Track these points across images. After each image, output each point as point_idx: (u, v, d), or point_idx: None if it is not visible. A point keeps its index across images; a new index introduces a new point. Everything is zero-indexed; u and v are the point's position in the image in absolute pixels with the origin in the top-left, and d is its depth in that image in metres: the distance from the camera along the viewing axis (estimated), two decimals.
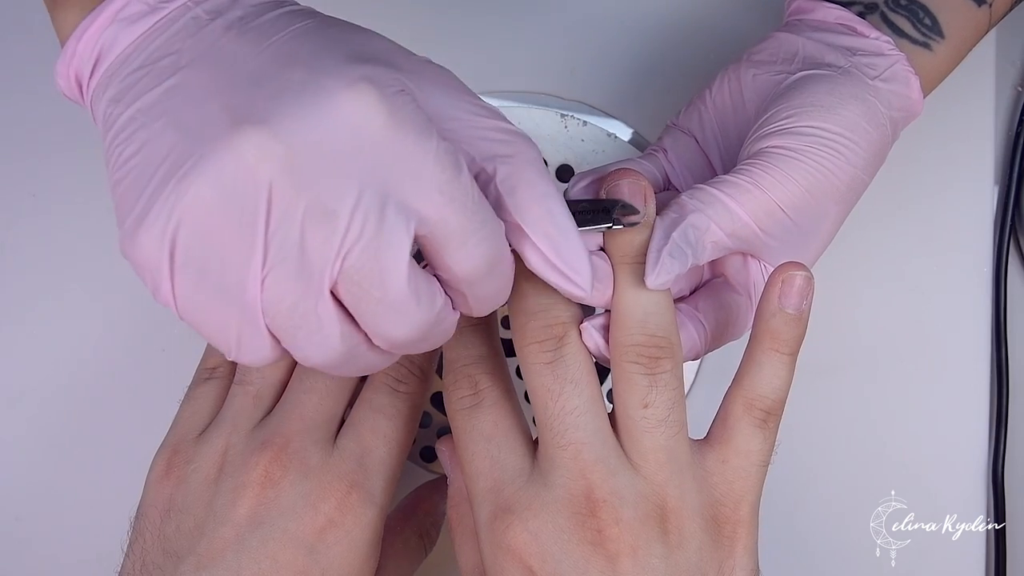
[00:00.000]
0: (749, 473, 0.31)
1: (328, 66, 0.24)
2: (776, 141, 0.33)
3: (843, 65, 0.35)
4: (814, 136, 0.33)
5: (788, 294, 0.31)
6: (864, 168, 0.34)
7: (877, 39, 0.36)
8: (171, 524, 0.33)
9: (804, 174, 0.32)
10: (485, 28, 0.48)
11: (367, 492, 0.33)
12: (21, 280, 0.45)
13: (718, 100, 0.37)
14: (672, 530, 0.29)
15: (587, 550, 0.29)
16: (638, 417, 0.30)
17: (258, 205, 0.23)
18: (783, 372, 0.31)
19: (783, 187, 0.32)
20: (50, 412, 0.44)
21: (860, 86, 0.34)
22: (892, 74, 0.35)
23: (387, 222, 0.24)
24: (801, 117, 0.33)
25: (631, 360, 0.30)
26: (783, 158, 0.32)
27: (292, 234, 0.24)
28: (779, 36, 0.37)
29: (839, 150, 0.33)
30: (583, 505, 0.29)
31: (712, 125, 0.37)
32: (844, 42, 0.36)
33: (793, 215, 0.32)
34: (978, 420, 0.45)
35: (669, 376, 0.30)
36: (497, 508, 0.30)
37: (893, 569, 0.43)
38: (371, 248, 0.24)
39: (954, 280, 0.46)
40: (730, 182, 0.32)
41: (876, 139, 0.34)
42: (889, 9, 0.37)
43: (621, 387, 0.30)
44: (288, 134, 0.23)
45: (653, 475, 0.30)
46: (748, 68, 0.37)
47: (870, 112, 0.34)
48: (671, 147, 0.38)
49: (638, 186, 0.31)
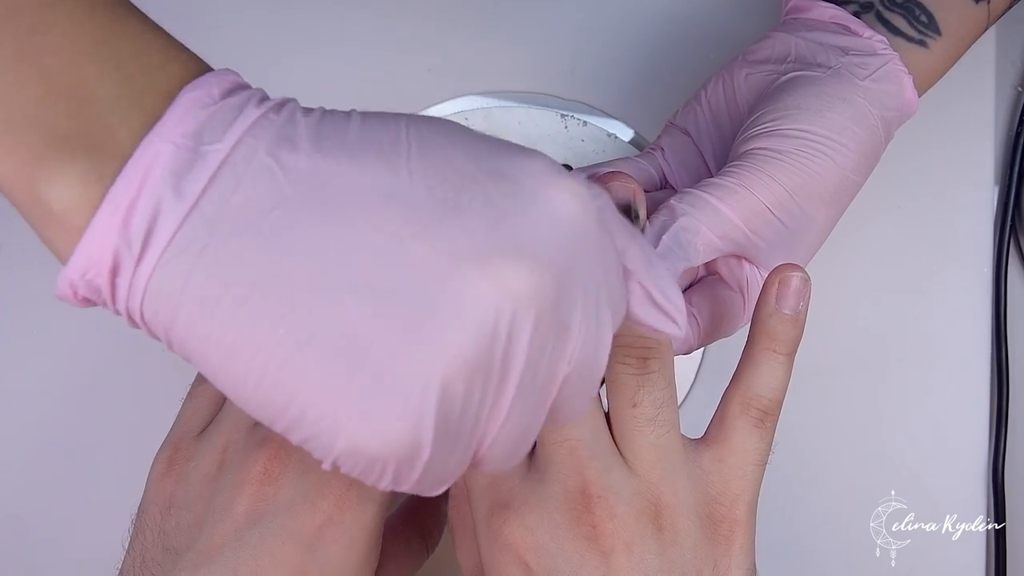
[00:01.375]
0: (746, 472, 0.31)
1: (512, 165, 0.22)
2: (762, 143, 0.33)
3: (833, 65, 0.35)
4: (799, 139, 0.33)
5: (785, 295, 0.31)
6: (854, 169, 0.34)
7: (871, 38, 0.36)
8: (171, 521, 0.33)
9: (789, 175, 0.33)
10: (485, 28, 0.48)
11: (366, 490, 0.33)
12: (21, 280, 0.45)
13: (713, 99, 0.38)
14: (666, 527, 0.29)
15: (582, 545, 0.29)
16: (628, 416, 0.30)
17: (522, 341, 0.21)
18: (780, 372, 0.31)
19: (768, 188, 0.32)
20: (50, 412, 0.44)
21: (848, 88, 0.35)
22: (884, 74, 0.35)
23: (603, 319, 0.23)
24: (787, 120, 0.34)
25: (620, 360, 0.30)
26: (769, 159, 0.33)
27: (542, 360, 0.22)
28: (774, 36, 0.38)
29: (825, 152, 0.33)
30: (578, 501, 0.29)
31: (707, 124, 0.38)
32: (837, 41, 0.36)
33: (781, 215, 0.33)
34: (978, 420, 0.45)
35: (657, 376, 0.30)
36: (494, 504, 0.30)
37: (893, 569, 0.43)
38: (591, 349, 0.23)
39: (954, 280, 0.46)
40: (717, 184, 0.32)
41: (865, 140, 0.34)
42: (885, 7, 0.37)
43: (611, 387, 0.30)
44: (549, 258, 0.21)
45: (647, 473, 0.30)
46: (742, 68, 0.37)
47: (858, 114, 0.34)
48: (668, 146, 0.38)
49: (627, 189, 0.31)
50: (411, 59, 0.47)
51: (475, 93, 0.46)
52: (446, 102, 0.46)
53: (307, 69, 0.46)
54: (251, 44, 0.47)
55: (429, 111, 0.46)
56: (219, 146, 0.21)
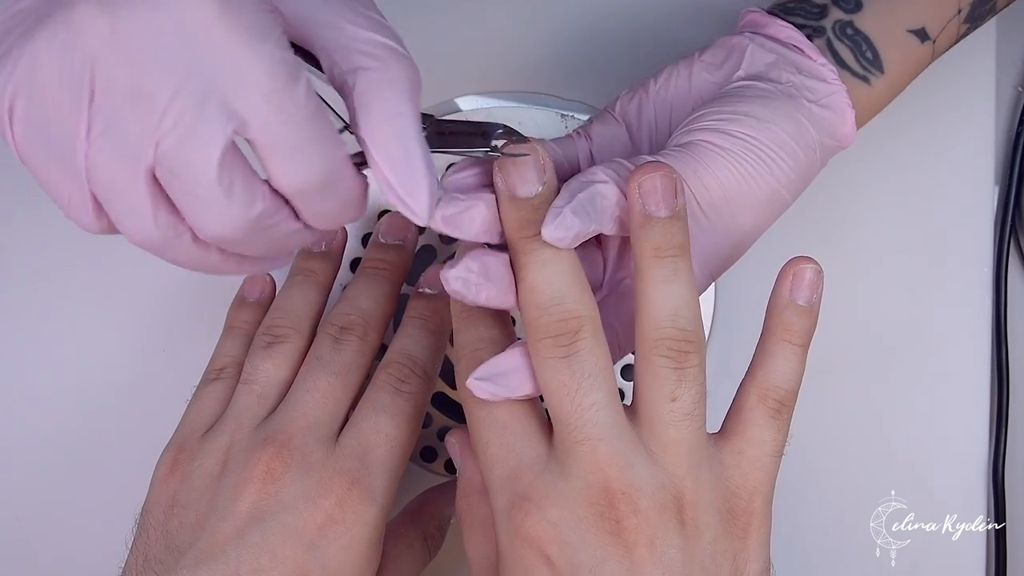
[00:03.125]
0: (764, 464, 0.31)
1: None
2: (706, 136, 0.34)
3: (784, 82, 0.35)
4: (743, 141, 0.33)
5: (799, 287, 0.32)
6: (787, 186, 0.34)
7: (824, 65, 0.36)
8: (174, 520, 0.33)
9: (725, 172, 0.33)
10: (485, 28, 0.48)
11: (368, 490, 0.33)
12: (21, 280, 0.45)
13: (661, 94, 0.38)
14: (688, 521, 0.29)
15: (605, 540, 0.29)
16: (664, 411, 0.30)
17: (83, 75, 0.24)
18: (795, 363, 0.32)
19: (700, 179, 0.33)
20: (54, 413, 0.44)
21: (796, 107, 0.35)
22: (830, 103, 0.36)
23: (204, 115, 0.24)
24: (733, 123, 0.34)
25: (661, 354, 0.30)
26: (709, 152, 0.33)
27: (113, 109, 0.24)
28: (732, 41, 0.38)
29: (764, 160, 0.34)
30: (601, 496, 0.29)
31: (650, 117, 0.37)
32: (792, 60, 0.36)
33: (706, 209, 0.33)
34: (978, 420, 0.45)
35: (696, 371, 0.30)
36: (515, 496, 0.30)
37: (893, 569, 0.43)
38: (185, 137, 0.24)
39: (954, 280, 0.46)
40: (644, 160, 0.32)
41: (803, 160, 0.35)
42: (835, 36, 0.37)
43: (648, 380, 0.30)
44: (117, 10, 0.23)
45: (673, 467, 0.30)
46: (698, 68, 0.37)
47: (801, 133, 0.35)
48: (598, 134, 0.37)
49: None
50: None
51: (475, 93, 0.46)
52: (446, 102, 0.46)
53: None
54: None
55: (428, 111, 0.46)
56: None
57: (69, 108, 0.24)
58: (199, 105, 0.24)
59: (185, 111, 0.24)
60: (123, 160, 0.25)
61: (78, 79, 0.24)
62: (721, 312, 0.44)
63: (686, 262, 0.31)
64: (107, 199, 0.26)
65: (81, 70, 0.24)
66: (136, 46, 0.24)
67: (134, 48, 0.24)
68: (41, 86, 0.24)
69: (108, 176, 0.25)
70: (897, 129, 0.46)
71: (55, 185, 0.26)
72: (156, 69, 0.24)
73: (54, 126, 0.25)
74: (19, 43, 0.24)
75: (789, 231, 0.41)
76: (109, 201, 0.26)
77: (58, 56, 0.24)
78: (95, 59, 0.24)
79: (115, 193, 0.25)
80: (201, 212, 0.26)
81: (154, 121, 0.24)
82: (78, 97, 0.24)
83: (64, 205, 0.26)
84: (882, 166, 0.46)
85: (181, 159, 0.24)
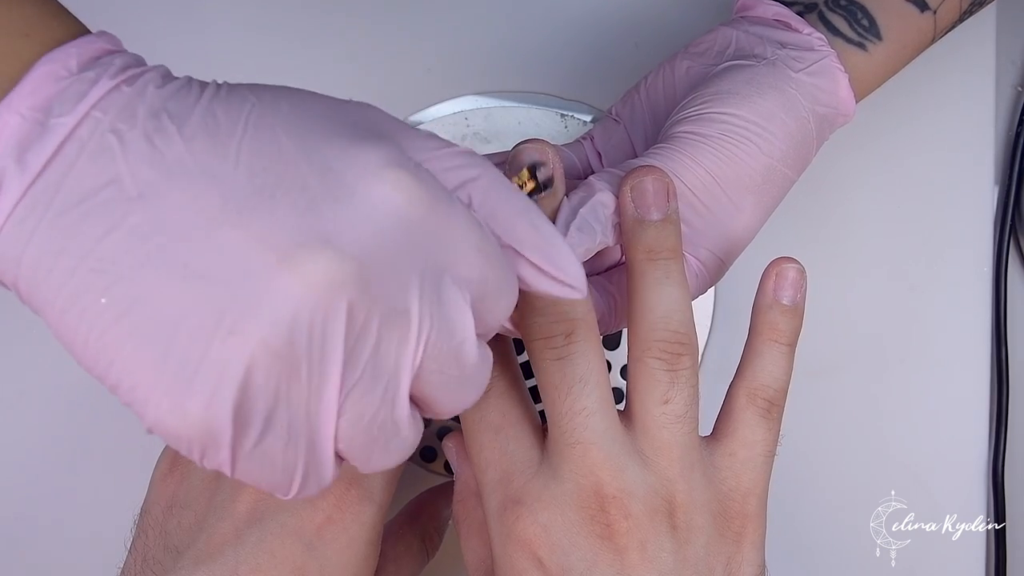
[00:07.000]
0: (756, 465, 0.31)
1: (340, 158, 0.22)
2: (687, 127, 0.33)
3: (768, 57, 0.35)
4: (725, 123, 0.33)
5: (782, 286, 0.32)
6: (781, 159, 0.34)
7: (810, 35, 0.36)
8: (173, 520, 0.33)
9: (711, 159, 0.33)
10: (486, 28, 0.48)
11: (366, 490, 0.33)
12: None
13: (651, 90, 0.38)
14: (680, 525, 0.29)
15: (596, 543, 0.29)
16: (657, 413, 0.30)
17: (335, 331, 0.21)
18: (783, 362, 0.32)
19: (689, 171, 0.32)
20: (54, 413, 0.44)
21: (781, 77, 0.34)
22: (819, 68, 0.35)
23: (450, 300, 0.23)
24: (715, 104, 0.33)
25: (653, 356, 0.30)
26: (691, 143, 0.33)
27: (368, 348, 0.22)
28: (717, 30, 0.38)
29: (750, 138, 0.33)
30: (592, 500, 0.29)
31: (643, 114, 0.38)
32: (776, 36, 0.36)
33: (703, 199, 0.33)
34: (978, 420, 0.45)
35: (689, 373, 0.30)
36: (507, 499, 0.30)
37: (893, 569, 0.43)
38: (444, 331, 0.23)
39: (954, 280, 0.46)
40: (636, 165, 0.32)
41: (794, 131, 0.34)
42: (827, 8, 0.37)
43: (641, 382, 0.30)
44: (353, 247, 0.21)
45: (665, 470, 0.30)
46: (683, 59, 0.37)
47: (789, 103, 0.34)
48: (600, 135, 0.38)
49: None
50: (410, 59, 0.47)
51: (475, 93, 0.46)
52: (446, 102, 0.46)
53: (306, 69, 0.46)
54: (248, 44, 0.47)
55: (429, 111, 0.46)
56: (66, 120, 0.21)
57: (311, 379, 0.21)
58: (440, 292, 0.23)
59: (435, 305, 0.23)
60: (383, 393, 0.23)
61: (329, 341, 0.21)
62: (721, 313, 0.44)
63: (678, 264, 0.31)
64: (362, 444, 0.23)
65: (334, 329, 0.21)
66: (383, 271, 0.22)
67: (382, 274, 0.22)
68: (276, 374, 0.21)
69: (368, 419, 0.23)
70: (897, 128, 0.46)
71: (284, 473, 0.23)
72: (401, 282, 0.22)
73: (290, 411, 0.22)
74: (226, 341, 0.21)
75: (788, 231, 0.41)
76: (366, 445, 0.23)
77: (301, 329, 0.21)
78: (350, 308, 0.21)
79: (375, 431, 0.23)
80: (464, 391, 0.25)
81: (414, 334, 0.22)
82: (327, 360, 0.21)
83: (294, 486, 0.23)
84: (882, 165, 0.46)
85: (446, 352, 0.23)
